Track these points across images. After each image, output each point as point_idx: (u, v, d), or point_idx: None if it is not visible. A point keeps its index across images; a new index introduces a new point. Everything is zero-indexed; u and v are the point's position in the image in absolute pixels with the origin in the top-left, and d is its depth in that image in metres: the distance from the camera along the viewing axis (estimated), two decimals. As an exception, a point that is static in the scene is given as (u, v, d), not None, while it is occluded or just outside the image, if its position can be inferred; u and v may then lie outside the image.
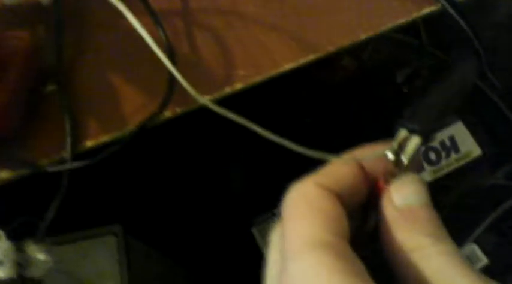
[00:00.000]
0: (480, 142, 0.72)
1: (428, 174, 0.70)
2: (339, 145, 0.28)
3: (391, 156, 0.25)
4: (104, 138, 0.30)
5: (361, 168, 0.25)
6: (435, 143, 0.71)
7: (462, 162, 0.71)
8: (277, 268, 0.23)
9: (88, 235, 0.43)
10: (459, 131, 0.72)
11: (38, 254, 0.29)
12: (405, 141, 0.25)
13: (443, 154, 0.71)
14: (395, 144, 0.25)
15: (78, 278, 0.42)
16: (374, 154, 0.25)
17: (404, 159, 0.25)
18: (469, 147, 0.72)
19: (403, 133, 0.25)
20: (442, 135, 0.71)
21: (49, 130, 0.30)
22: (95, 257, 0.42)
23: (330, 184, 0.23)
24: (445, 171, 0.70)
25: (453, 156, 0.71)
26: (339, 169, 0.24)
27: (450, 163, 0.71)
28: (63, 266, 0.42)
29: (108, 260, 0.42)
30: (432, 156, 0.71)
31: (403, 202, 0.23)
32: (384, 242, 0.24)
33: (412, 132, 0.25)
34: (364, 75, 0.78)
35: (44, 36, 0.30)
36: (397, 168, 0.25)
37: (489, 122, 0.75)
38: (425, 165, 0.70)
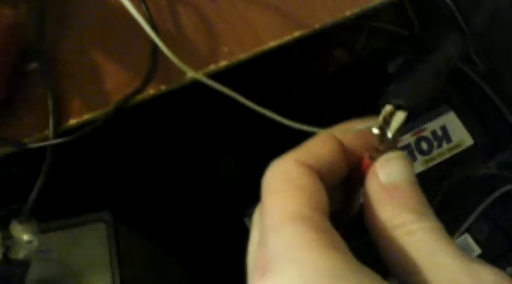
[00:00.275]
0: (472, 132, 0.73)
1: (420, 164, 0.70)
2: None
3: (376, 131, 0.25)
4: (87, 116, 0.30)
5: (341, 144, 0.25)
6: (427, 133, 0.71)
7: (454, 152, 0.71)
8: (257, 245, 0.23)
9: (77, 222, 0.42)
10: (451, 121, 0.72)
11: (23, 235, 0.29)
12: (390, 116, 0.25)
13: (435, 144, 0.71)
14: (380, 119, 0.25)
15: (68, 266, 0.42)
16: (360, 128, 0.25)
17: (390, 134, 0.25)
18: (461, 136, 0.72)
19: (388, 108, 0.25)
20: (434, 125, 0.72)
21: (32, 108, 0.29)
22: (84, 244, 0.42)
23: (309, 160, 0.23)
24: (437, 160, 0.70)
25: (445, 145, 0.71)
26: (318, 145, 0.24)
27: (442, 153, 0.71)
28: (52, 254, 0.41)
29: (98, 247, 0.42)
30: (424, 145, 0.71)
31: (388, 179, 0.23)
32: (369, 220, 0.23)
33: (397, 107, 0.25)
34: (356, 67, 0.79)
35: (27, 14, 0.30)
36: (382, 144, 0.25)
37: (481, 112, 0.76)
38: (417, 154, 0.70)
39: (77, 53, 0.32)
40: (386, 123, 0.25)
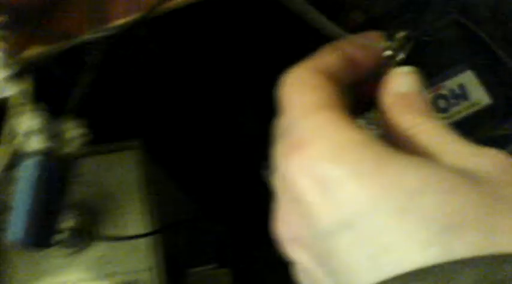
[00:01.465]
0: (490, 92, 0.73)
1: (437, 121, 0.71)
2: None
3: (389, 52, 0.28)
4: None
5: (346, 54, 0.28)
6: (445, 91, 0.72)
7: (471, 110, 0.72)
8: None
9: (110, 148, 0.46)
10: (469, 80, 0.73)
11: (72, 130, 0.31)
12: (401, 40, 0.29)
13: (452, 102, 0.72)
14: (394, 42, 0.28)
15: (99, 189, 0.45)
16: (378, 45, 0.28)
17: (401, 56, 0.28)
18: (479, 96, 0.73)
19: (402, 34, 0.29)
20: (452, 83, 0.72)
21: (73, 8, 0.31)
22: (116, 170, 0.46)
23: (319, 67, 0.26)
24: (455, 118, 0.71)
25: (462, 104, 0.72)
26: (326, 54, 0.28)
27: (459, 111, 0.72)
28: (86, 177, 0.45)
29: (129, 172, 0.45)
30: (441, 103, 0.72)
31: (402, 89, 0.26)
32: (384, 126, 0.26)
33: (407, 36, 0.29)
34: (372, 28, 0.79)
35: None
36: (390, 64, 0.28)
37: (500, 74, 0.76)
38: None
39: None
40: (398, 45, 0.28)
